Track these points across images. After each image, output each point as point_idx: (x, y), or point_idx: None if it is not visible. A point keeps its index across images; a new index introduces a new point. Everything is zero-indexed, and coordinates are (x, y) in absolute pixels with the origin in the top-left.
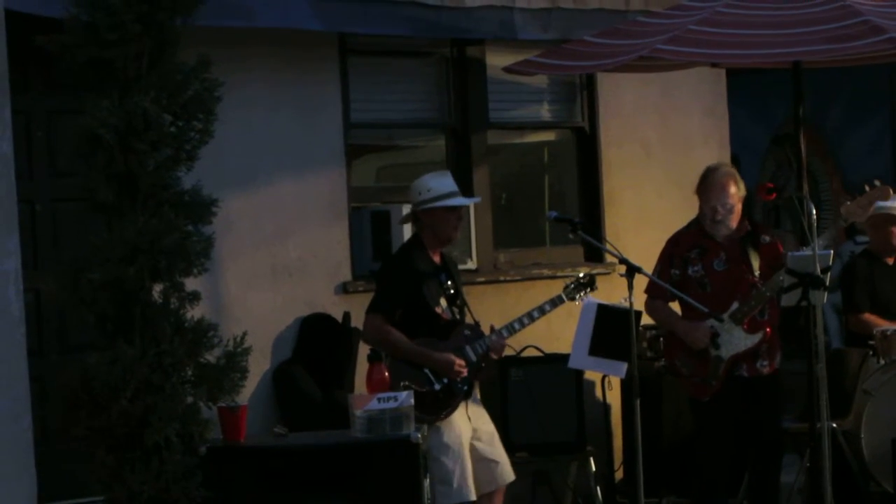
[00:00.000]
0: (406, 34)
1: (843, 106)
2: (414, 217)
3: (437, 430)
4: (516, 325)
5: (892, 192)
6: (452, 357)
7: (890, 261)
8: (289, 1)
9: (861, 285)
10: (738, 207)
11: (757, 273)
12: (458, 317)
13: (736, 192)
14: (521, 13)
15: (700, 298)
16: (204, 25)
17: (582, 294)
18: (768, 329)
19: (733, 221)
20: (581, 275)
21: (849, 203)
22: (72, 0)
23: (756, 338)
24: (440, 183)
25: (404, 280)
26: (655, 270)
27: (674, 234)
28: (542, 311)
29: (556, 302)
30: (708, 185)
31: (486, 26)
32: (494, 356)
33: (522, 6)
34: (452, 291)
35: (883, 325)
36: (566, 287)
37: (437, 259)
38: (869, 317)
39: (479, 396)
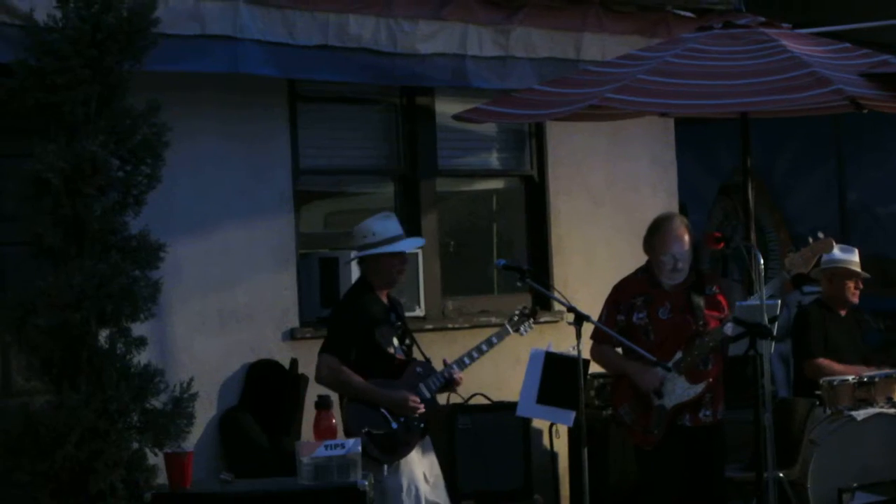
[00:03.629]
0: (359, 81)
1: (790, 157)
2: (359, 260)
3: (394, 472)
4: (466, 360)
5: (834, 243)
6: (407, 394)
7: (843, 312)
8: (240, 46)
9: (815, 331)
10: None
11: (701, 323)
12: (409, 355)
13: (690, 240)
14: (474, 61)
15: (644, 346)
16: (153, 70)
17: (525, 325)
18: (711, 379)
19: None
20: (522, 306)
21: (792, 254)
22: (20, 44)
23: (699, 388)
24: (384, 227)
25: (356, 323)
26: (602, 316)
27: (620, 280)
28: (489, 343)
29: (501, 334)
30: (665, 235)
31: (439, 74)
32: (455, 386)
33: (475, 54)
34: (402, 330)
35: (839, 369)
36: (510, 319)
37: (384, 300)
38: (824, 362)
39: (430, 441)
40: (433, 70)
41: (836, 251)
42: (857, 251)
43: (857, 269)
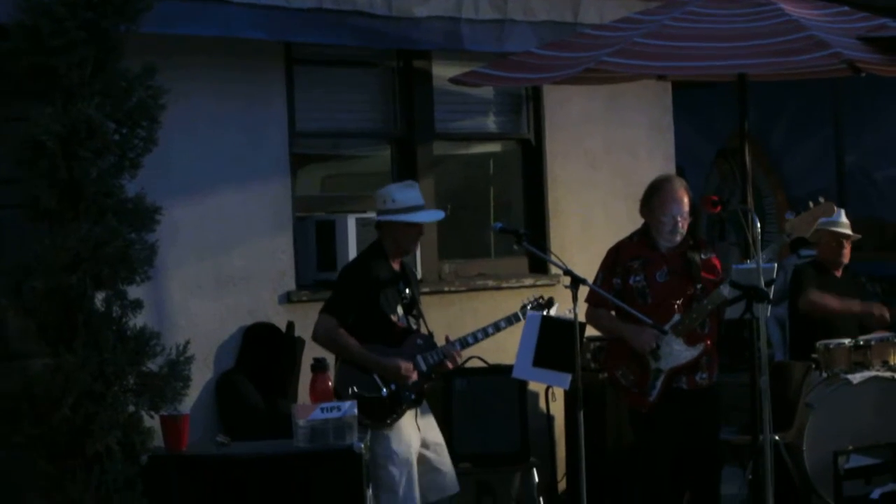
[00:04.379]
0: (353, 44)
1: (788, 121)
2: (376, 224)
3: (385, 438)
4: (469, 339)
5: (835, 207)
6: (400, 362)
7: (837, 273)
8: (232, 10)
9: (810, 280)
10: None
11: (699, 286)
12: (413, 326)
13: (689, 201)
14: (469, 24)
15: (640, 310)
16: (148, 32)
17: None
18: (708, 342)
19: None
20: (539, 295)
21: (793, 218)
22: (16, 5)
23: (696, 350)
24: (405, 195)
25: (362, 287)
26: (597, 279)
27: (616, 243)
28: (496, 327)
29: (511, 320)
30: (666, 196)
31: (434, 37)
32: (450, 365)
33: (471, 17)
34: (409, 300)
35: (833, 304)
36: (524, 306)
37: (396, 267)
38: (817, 294)
39: (428, 406)
40: (428, 34)
41: None
42: (843, 212)
43: (844, 230)
